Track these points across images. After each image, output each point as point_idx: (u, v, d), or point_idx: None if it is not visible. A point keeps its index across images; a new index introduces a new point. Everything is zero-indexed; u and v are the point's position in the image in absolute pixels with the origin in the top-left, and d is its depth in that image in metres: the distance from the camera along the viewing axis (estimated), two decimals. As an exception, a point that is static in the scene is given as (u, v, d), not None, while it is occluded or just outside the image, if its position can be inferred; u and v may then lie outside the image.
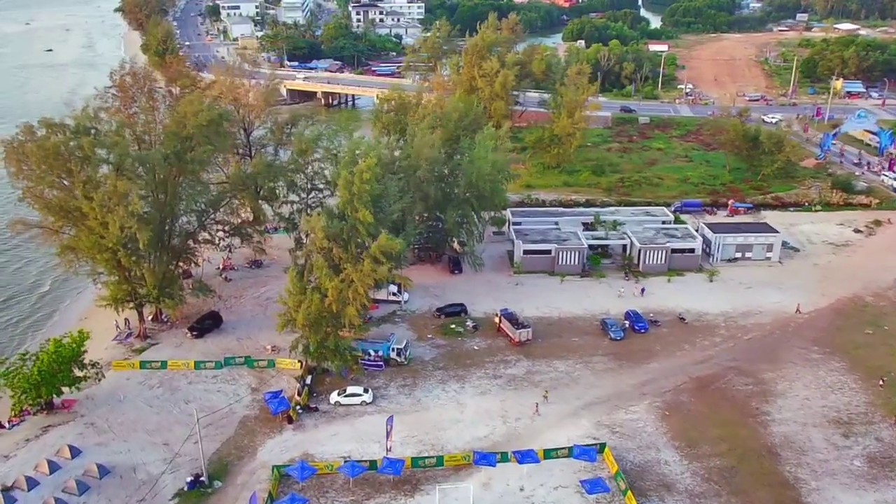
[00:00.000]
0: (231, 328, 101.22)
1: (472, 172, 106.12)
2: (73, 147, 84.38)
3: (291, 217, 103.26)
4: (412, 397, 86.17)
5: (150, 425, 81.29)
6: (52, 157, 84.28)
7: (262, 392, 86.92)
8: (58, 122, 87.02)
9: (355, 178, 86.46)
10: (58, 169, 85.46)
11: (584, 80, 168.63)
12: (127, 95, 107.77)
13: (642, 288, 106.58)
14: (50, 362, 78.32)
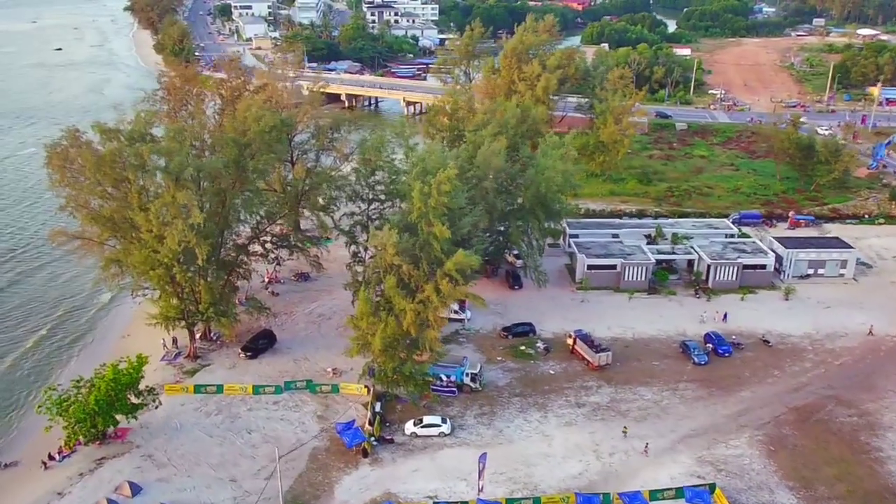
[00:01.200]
0: (286, 348, 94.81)
1: (540, 182, 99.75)
2: (129, 154, 77.58)
3: (352, 230, 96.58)
4: (492, 428, 79.78)
5: (213, 458, 74.72)
6: (107, 165, 77.64)
7: (330, 421, 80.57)
8: (112, 127, 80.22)
9: (432, 190, 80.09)
10: (112, 177, 78.78)
11: (626, 84, 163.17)
12: (176, 98, 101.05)
13: (724, 314, 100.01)
14: (107, 390, 71.81)
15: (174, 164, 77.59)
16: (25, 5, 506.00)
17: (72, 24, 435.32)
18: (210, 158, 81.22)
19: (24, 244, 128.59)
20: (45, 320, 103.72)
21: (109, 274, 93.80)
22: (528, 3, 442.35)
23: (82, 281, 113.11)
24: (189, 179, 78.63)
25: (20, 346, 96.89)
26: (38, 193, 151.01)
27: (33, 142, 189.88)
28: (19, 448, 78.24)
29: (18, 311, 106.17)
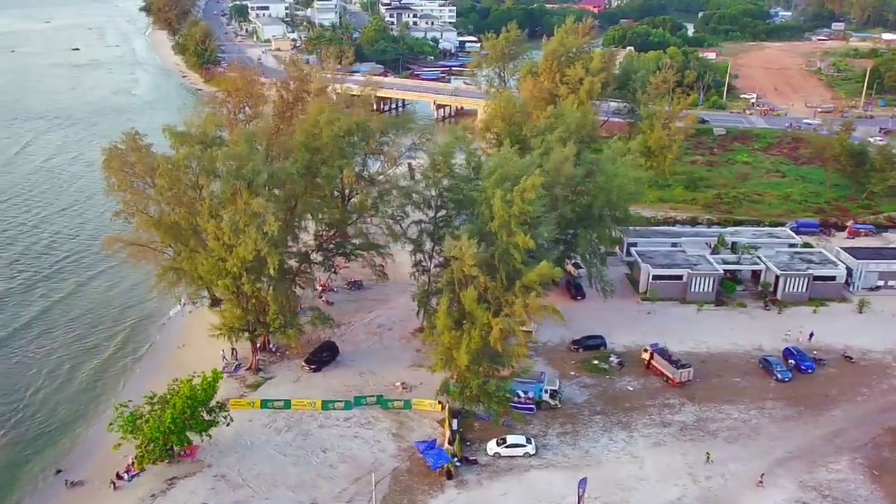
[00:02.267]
0: (349, 361, 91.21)
1: (612, 190, 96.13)
2: (203, 159, 73.97)
3: (419, 239, 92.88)
4: (578, 448, 76.14)
5: (289, 479, 71.08)
6: (181, 170, 74.00)
7: (406, 439, 77.00)
8: (184, 131, 76.66)
9: (515, 198, 76.47)
10: (183, 183, 75.17)
11: (670, 88, 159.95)
12: (236, 101, 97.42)
13: (811, 333, 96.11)
14: (183, 407, 68.13)
15: (248, 170, 73.95)
16: (37, 6, 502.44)
17: (85, 24, 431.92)
18: (283, 164, 77.23)
19: (75, 251, 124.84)
20: (101, 331, 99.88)
21: (168, 282, 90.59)
22: (545, 6, 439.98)
23: (133, 289, 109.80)
24: (263, 186, 74.83)
25: (76, 359, 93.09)
26: (87, 198, 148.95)
27: (77, 143, 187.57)
28: (83, 465, 74.62)
29: (73, 321, 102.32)
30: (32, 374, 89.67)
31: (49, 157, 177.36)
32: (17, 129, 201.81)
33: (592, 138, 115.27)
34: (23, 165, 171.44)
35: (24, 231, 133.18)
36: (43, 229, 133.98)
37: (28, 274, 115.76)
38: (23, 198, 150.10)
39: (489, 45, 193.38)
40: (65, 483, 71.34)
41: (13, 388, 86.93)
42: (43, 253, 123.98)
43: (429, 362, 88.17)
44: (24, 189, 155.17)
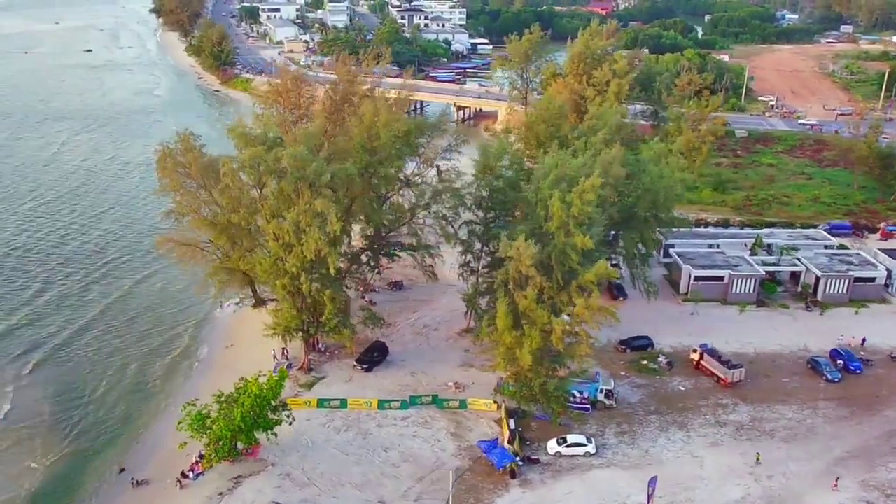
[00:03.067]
0: (399, 361, 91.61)
1: (658, 191, 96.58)
2: (268, 160, 74.36)
3: (469, 239, 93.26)
4: (637, 447, 76.60)
5: (354, 478, 71.46)
6: (246, 171, 74.41)
7: (464, 438, 77.44)
8: (247, 132, 77.09)
9: (574, 199, 76.93)
10: (246, 184, 75.56)
11: (697, 90, 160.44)
12: (287, 101, 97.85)
13: (863, 338, 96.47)
14: (251, 406, 68.49)
15: (311, 171, 74.28)
16: (45, 7, 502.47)
17: (94, 25, 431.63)
18: (343, 165, 77.58)
19: (123, 252, 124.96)
20: (149, 331, 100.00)
21: (217, 282, 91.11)
22: (553, 9, 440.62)
23: (176, 289, 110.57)
24: (326, 186, 75.23)
25: (128, 359, 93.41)
26: (129, 198, 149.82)
27: (110, 144, 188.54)
28: (145, 464, 75.05)
29: (125, 322, 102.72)
30: (90, 374, 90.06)
31: (85, 158, 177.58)
32: (49, 129, 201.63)
33: (632, 140, 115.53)
34: (61, 166, 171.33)
35: (73, 231, 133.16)
36: (90, 229, 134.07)
37: (82, 274, 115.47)
38: (67, 198, 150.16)
39: (511, 47, 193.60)
40: (131, 482, 71.64)
41: (73, 388, 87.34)
42: (94, 252, 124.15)
43: (479, 362, 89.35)
44: (67, 189, 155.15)
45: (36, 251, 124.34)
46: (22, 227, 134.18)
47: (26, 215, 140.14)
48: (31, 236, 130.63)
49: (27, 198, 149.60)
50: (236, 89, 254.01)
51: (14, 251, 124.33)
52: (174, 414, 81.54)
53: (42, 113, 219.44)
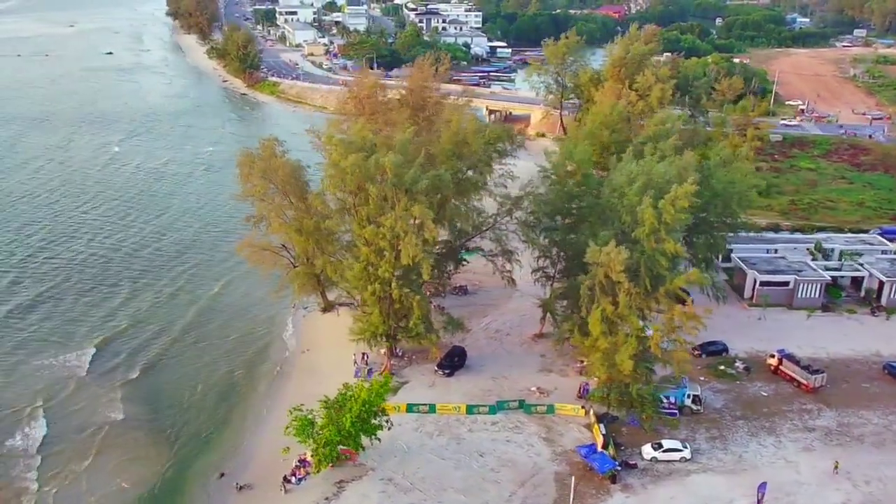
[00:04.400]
0: (477, 366, 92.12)
1: (731, 196, 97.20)
2: (369, 167, 74.93)
3: (548, 245, 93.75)
4: (730, 452, 77.14)
5: (456, 483, 71.99)
6: (347, 177, 74.98)
7: (559, 444, 77.92)
8: (346, 139, 77.69)
9: (667, 205, 77.61)
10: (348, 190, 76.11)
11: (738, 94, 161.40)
12: (364, 108, 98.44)
13: None
14: (359, 411, 68.98)
15: (409, 177, 74.89)
16: (57, 9, 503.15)
17: (109, 28, 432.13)
18: (438, 171, 78.23)
19: (198, 259, 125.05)
20: (225, 337, 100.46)
21: (296, 287, 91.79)
22: (568, 12, 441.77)
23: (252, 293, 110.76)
24: (422, 192, 75.82)
25: (214, 366, 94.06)
26: (194, 201, 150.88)
27: (164, 147, 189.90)
28: (245, 469, 75.62)
29: (208, 329, 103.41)
30: (182, 380, 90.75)
31: (142, 161, 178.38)
32: (101, 133, 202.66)
33: (698, 145, 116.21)
34: (121, 169, 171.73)
35: (149, 236, 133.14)
36: (165, 234, 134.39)
37: (166, 280, 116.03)
38: (135, 201, 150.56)
39: (549, 50, 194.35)
40: (235, 486, 72.02)
41: (168, 394, 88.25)
42: (174, 257, 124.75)
43: (557, 367, 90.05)
44: (133, 193, 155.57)
45: (117, 257, 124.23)
46: (97, 233, 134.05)
47: (99, 221, 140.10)
48: (109, 241, 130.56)
49: (96, 202, 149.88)
50: (263, 92, 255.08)
51: (95, 257, 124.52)
52: (266, 418, 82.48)
53: (92, 115, 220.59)
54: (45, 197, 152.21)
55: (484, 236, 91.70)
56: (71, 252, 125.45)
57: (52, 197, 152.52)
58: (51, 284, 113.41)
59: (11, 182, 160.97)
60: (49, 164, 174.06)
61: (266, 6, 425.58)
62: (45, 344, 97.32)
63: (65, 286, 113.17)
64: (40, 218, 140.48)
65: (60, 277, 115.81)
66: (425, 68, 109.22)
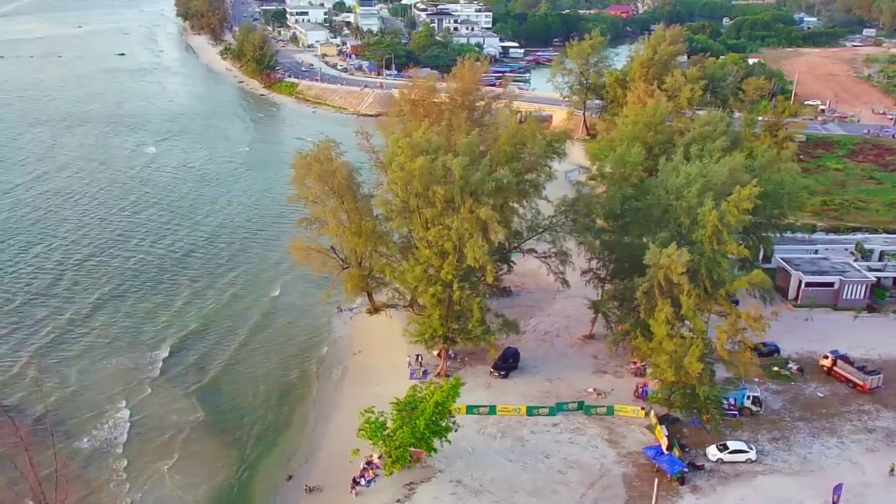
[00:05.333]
0: (531, 367, 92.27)
1: (782, 197, 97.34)
2: (437, 169, 75.01)
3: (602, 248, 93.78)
4: (794, 454, 77.28)
5: (525, 484, 72.08)
6: (414, 180, 75.07)
7: (622, 445, 78.07)
8: (414, 141, 77.73)
9: (731, 207, 77.83)
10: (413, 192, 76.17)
11: (764, 95, 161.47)
12: (417, 112, 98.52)
13: None
14: (432, 413, 69.05)
15: (475, 179, 74.94)
16: (63, 10, 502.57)
17: (117, 29, 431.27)
18: (502, 172, 78.31)
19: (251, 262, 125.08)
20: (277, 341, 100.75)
21: (349, 289, 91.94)
22: (577, 12, 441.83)
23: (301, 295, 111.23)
24: (487, 194, 75.93)
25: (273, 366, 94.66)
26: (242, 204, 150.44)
27: (202, 149, 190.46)
28: (311, 471, 75.76)
29: (259, 331, 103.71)
30: (245, 383, 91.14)
31: (182, 163, 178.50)
32: (134, 135, 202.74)
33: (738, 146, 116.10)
34: (161, 171, 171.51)
35: (201, 238, 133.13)
36: (216, 238, 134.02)
37: (222, 285, 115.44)
38: (180, 204, 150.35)
39: (573, 51, 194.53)
40: (305, 489, 72.09)
41: (233, 397, 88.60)
42: (228, 260, 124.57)
43: (611, 368, 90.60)
44: (178, 196, 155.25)
45: (171, 259, 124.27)
46: (148, 235, 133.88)
47: (149, 222, 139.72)
48: (162, 243, 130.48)
49: (142, 203, 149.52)
50: (281, 93, 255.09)
51: (150, 257, 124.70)
52: (328, 420, 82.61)
53: (119, 117, 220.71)
54: (89, 198, 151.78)
55: (540, 238, 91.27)
56: (125, 254, 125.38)
57: (97, 198, 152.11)
58: (111, 287, 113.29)
59: (56, 183, 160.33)
60: (90, 165, 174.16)
61: (272, 6, 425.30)
62: (116, 347, 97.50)
63: (125, 288, 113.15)
64: (90, 221, 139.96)
65: (118, 280, 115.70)
66: (474, 70, 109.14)
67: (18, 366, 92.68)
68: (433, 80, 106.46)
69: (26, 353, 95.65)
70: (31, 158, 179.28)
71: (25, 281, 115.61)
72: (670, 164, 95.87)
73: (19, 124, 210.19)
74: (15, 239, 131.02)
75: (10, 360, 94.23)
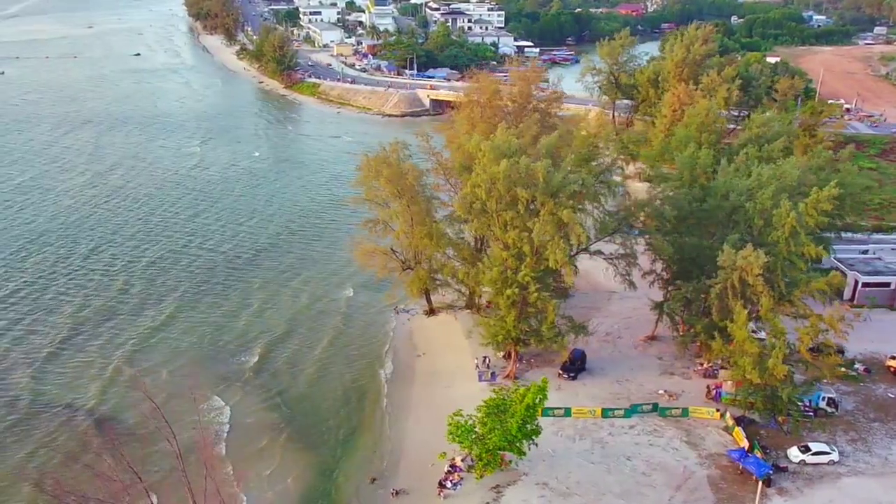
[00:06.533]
0: (597, 369, 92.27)
1: (844, 198, 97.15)
2: (522, 171, 74.91)
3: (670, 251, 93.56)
4: (875, 455, 77.34)
5: (612, 487, 72.06)
6: (500, 182, 74.98)
7: (700, 446, 78.21)
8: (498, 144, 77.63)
9: (809, 208, 77.92)
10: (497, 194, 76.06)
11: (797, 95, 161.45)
12: (488, 111, 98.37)
13: None
14: (522, 416, 68.96)
15: (556, 181, 74.90)
16: (71, 10, 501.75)
17: (128, 29, 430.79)
18: (581, 175, 78.28)
19: (316, 263, 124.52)
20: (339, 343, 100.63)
21: (413, 290, 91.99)
22: (589, 11, 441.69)
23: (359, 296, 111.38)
24: (568, 196, 75.84)
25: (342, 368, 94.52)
26: (297, 206, 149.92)
27: (243, 150, 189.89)
28: (394, 474, 75.63)
29: (321, 329, 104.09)
30: (316, 385, 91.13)
31: (229, 162, 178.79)
32: (176, 136, 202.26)
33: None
34: (207, 173, 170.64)
35: (265, 240, 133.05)
36: (279, 238, 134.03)
37: (292, 289, 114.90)
38: (240, 204, 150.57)
39: (603, 50, 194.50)
40: (391, 492, 72.05)
41: (306, 400, 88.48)
42: (295, 263, 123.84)
43: (678, 370, 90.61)
44: (235, 195, 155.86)
45: (243, 258, 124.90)
46: (213, 236, 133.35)
47: (212, 225, 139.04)
48: (228, 244, 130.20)
49: (199, 205, 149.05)
50: (303, 93, 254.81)
51: (221, 257, 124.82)
52: (402, 422, 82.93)
53: (155, 117, 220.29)
54: (146, 199, 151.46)
55: (609, 240, 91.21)
56: (194, 255, 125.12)
57: (154, 199, 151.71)
58: (186, 289, 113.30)
59: (111, 185, 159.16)
60: (140, 165, 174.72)
61: (280, 6, 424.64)
62: (202, 350, 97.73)
63: (201, 290, 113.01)
64: (153, 222, 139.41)
65: (191, 282, 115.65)
66: (537, 72, 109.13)
67: (110, 369, 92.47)
68: (497, 83, 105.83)
69: (115, 356, 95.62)
70: (80, 159, 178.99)
71: (101, 283, 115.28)
72: (732, 166, 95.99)
73: (63, 125, 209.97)
74: (83, 241, 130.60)
75: (100, 363, 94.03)
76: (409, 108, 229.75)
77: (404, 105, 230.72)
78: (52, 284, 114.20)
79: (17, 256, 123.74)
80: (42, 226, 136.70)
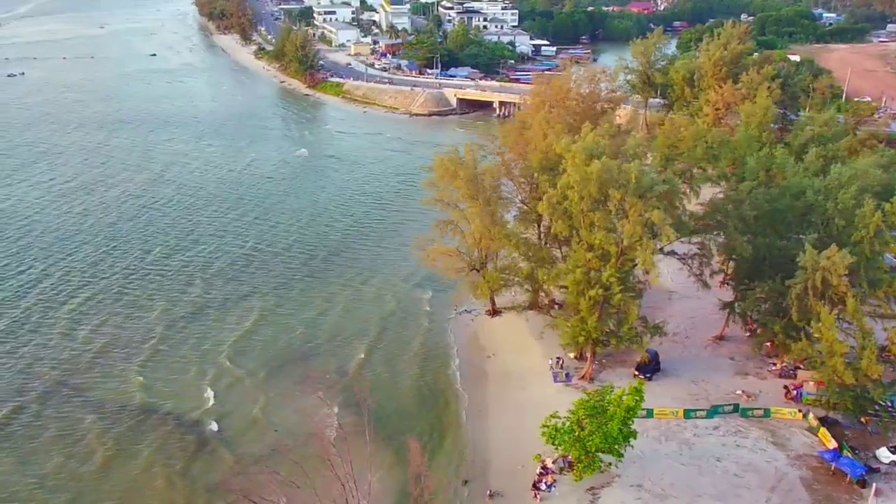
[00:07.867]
0: (671, 369, 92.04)
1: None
2: (615, 172, 74.68)
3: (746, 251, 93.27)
4: (963, 455, 76.95)
5: (707, 489, 71.87)
6: (593, 183, 74.73)
7: (787, 447, 78.10)
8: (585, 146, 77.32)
9: (894, 209, 77.74)
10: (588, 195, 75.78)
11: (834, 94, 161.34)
12: (559, 110, 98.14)
13: None
14: (622, 418, 68.76)
15: (645, 181, 74.68)
16: (82, 10, 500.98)
17: (140, 29, 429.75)
18: (668, 175, 78.11)
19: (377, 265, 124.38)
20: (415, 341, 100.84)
21: (481, 291, 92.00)
22: (602, 9, 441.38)
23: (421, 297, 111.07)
24: (656, 197, 75.62)
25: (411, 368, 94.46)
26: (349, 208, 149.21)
27: (281, 151, 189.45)
28: (485, 476, 75.47)
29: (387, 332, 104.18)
30: (391, 387, 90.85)
31: (279, 164, 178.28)
32: (220, 135, 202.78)
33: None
34: (254, 175, 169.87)
35: (337, 241, 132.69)
36: (347, 240, 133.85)
37: (352, 290, 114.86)
38: (305, 206, 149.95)
39: (636, 49, 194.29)
40: (487, 495, 71.84)
41: (377, 400, 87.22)
42: (351, 263, 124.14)
43: (751, 370, 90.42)
44: (297, 196, 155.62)
45: (318, 257, 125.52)
46: (279, 238, 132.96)
47: (277, 227, 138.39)
48: (297, 246, 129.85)
49: (262, 208, 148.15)
50: (326, 93, 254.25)
51: (291, 257, 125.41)
52: (483, 423, 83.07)
53: (196, 119, 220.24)
54: (209, 199, 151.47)
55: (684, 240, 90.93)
56: (268, 255, 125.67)
57: (218, 199, 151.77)
58: (266, 291, 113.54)
59: (170, 189, 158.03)
60: (194, 163, 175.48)
61: (291, 6, 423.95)
62: (283, 351, 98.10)
63: (282, 291, 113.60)
64: (224, 224, 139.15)
65: (271, 283, 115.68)
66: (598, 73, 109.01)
67: (191, 373, 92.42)
68: (568, 82, 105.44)
69: (194, 356, 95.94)
70: (132, 159, 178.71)
71: (183, 283, 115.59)
72: (801, 165, 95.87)
73: (106, 125, 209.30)
74: (157, 240, 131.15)
75: (205, 364, 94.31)
76: (437, 108, 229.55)
77: (431, 104, 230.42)
78: (136, 285, 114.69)
79: (102, 257, 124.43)
80: (117, 227, 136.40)
